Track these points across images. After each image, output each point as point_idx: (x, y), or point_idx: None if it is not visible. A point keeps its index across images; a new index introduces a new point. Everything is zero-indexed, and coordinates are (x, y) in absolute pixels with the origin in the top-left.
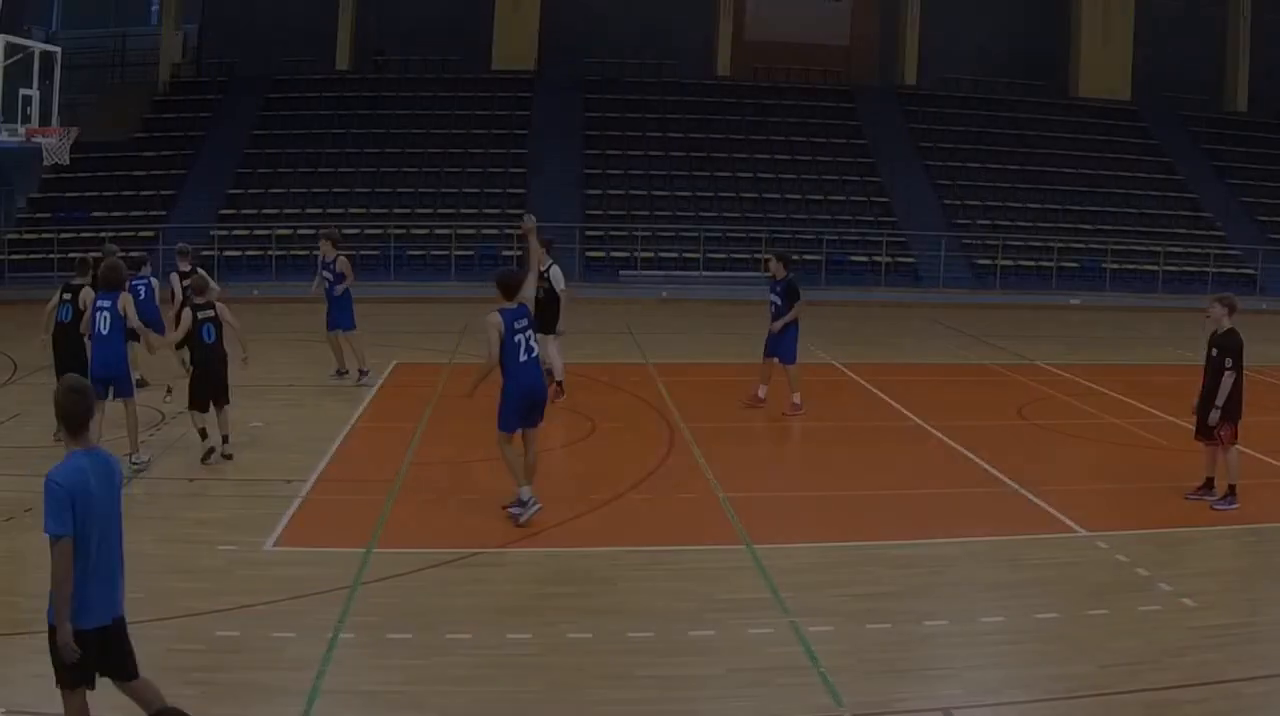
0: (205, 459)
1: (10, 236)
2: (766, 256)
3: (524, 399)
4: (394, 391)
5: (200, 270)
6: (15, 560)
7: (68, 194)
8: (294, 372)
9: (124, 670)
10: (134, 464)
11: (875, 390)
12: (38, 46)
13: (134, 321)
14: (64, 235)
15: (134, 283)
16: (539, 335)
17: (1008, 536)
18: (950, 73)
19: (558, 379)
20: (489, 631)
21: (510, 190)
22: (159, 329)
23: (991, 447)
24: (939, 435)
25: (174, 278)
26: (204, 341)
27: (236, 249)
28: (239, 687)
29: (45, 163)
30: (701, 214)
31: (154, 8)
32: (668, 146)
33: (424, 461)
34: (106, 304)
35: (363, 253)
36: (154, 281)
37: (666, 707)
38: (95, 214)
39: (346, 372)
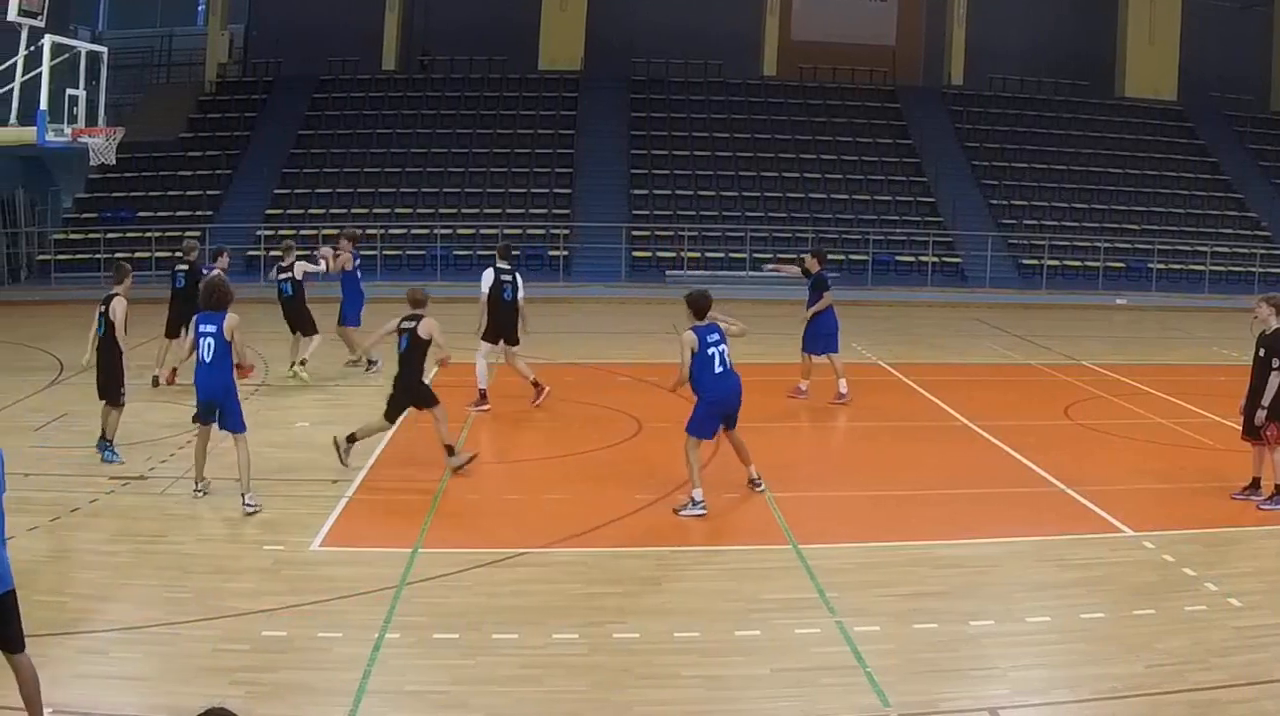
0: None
1: (57, 236)
2: (802, 256)
3: (721, 407)
4: (439, 391)
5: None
6: (62, 560)
7: (114, 194)
8: (340, 373)
9: (13, 642)
10: (247, 506)
11: (921, 390)
12: (84, 46)
13: (239, 348)
14: (110, 235)
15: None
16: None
17: (1054, 536)
18: (996, 73)
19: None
20: (535, 631)
21: (556, 190)
22: None
23: (1037, 447)
24: (985, 435)
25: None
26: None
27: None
28: (285, 687)
29: (92, 163)
30: (747, 214)
31: (200, 8)
32: (714, 146)
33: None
34: (210, 328)
35: (408, 253)
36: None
37: (712, 707)
38: (141, 214)
39: (376, 361)
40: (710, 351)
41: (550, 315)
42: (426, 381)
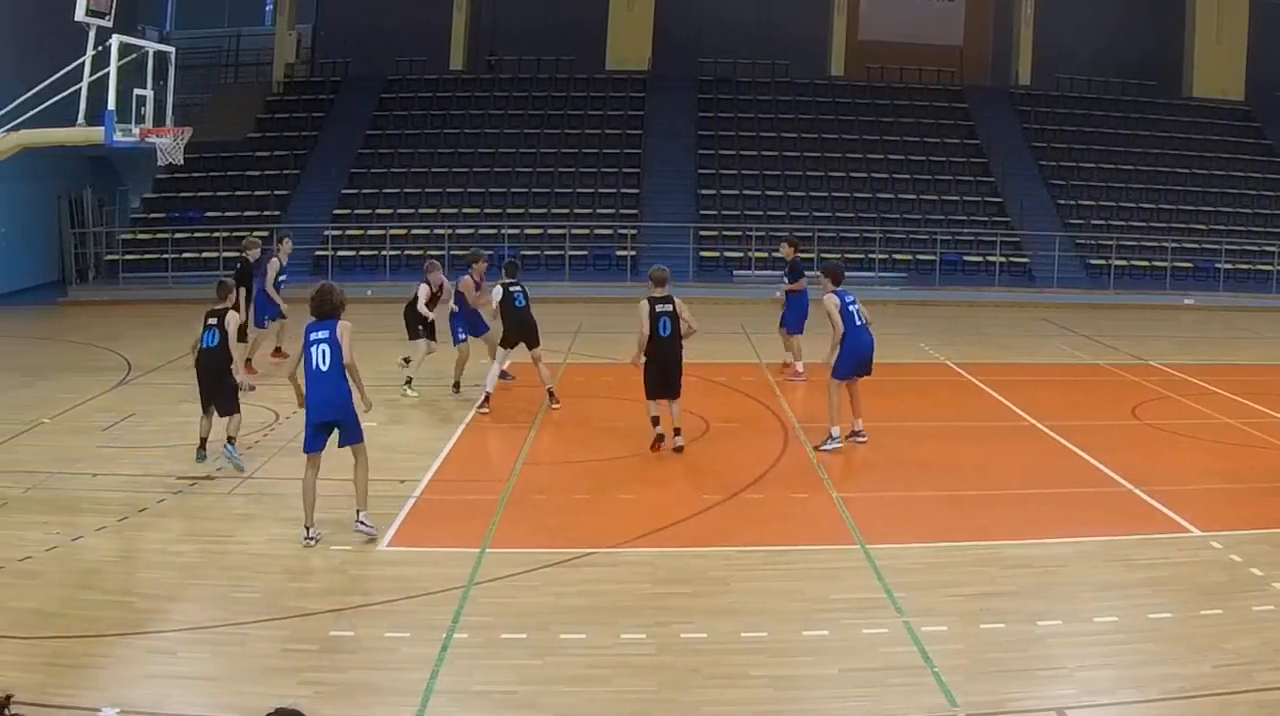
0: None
1: (124, 236)
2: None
3: (858, 354)
4: (507, 392)
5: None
6: (130, 560)
7: (182, 194)
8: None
9: None
10: (360, 525)
11: (989, 390)
12: (152, 46)
13: (348, 356)
14: (178, 235)
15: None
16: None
17: (1121, 536)
18: (1063, 72)
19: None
20: (603, 631)
21: (624, 190)
22: None
23: (1105, 447)
24: (1053, 435)
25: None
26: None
27: (350, 249)
28: (352, 687)
29: (160, 163)
30: (815, 214)
31: (268, 8)
32: (781, 146)
33: (537, 461)
34: (322, 335)
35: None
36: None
37: (780, 707)
38: (209, 214)
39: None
40: (850, 308)
41: (617, 315)
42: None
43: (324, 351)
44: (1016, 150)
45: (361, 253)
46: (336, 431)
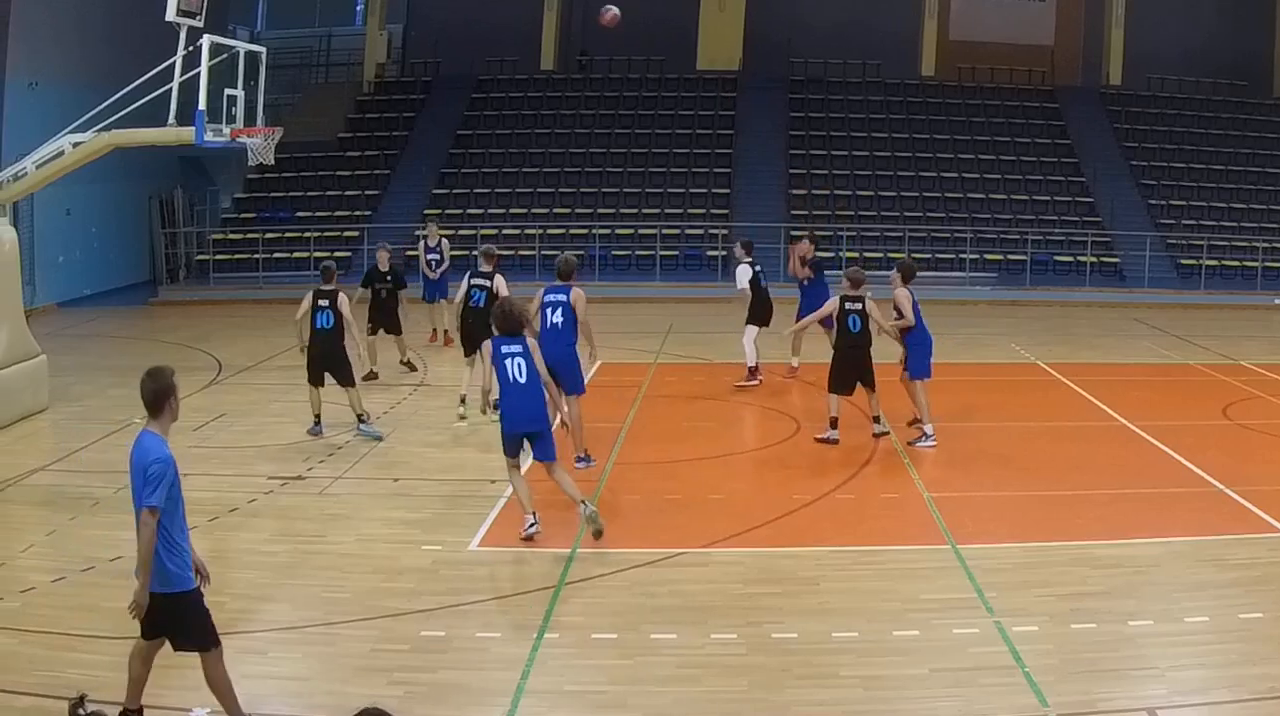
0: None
1: (215, 236)
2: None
3: (929, 349)
4: (598, 391)
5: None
6: (220, 560)
7: (272, 194)
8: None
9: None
10: (587, 513)
11: (1079, 389)
12: (243, 47)
13: (543, 371)
14: (268, 235)
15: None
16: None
17: (1212, 536)
18: (1154, 73)
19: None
20: (693, 631)
21: (715, 190)
22: None
23: (1196, 447)
24: (1143, 435)
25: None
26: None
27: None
28: (443, 687)
29: (250, 163)
30: (906, 214)
31: (359, 8)
32: (872, 146)
33: (628, 461)
34: (516, 349)
35: (567, 253)
36: None
37: (870, 707)
38: (300, 214)
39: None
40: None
41: (708, 315)
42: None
43: (519, 364)
44: (1107, 150)
45: (452, 252)
46: (528, 442)
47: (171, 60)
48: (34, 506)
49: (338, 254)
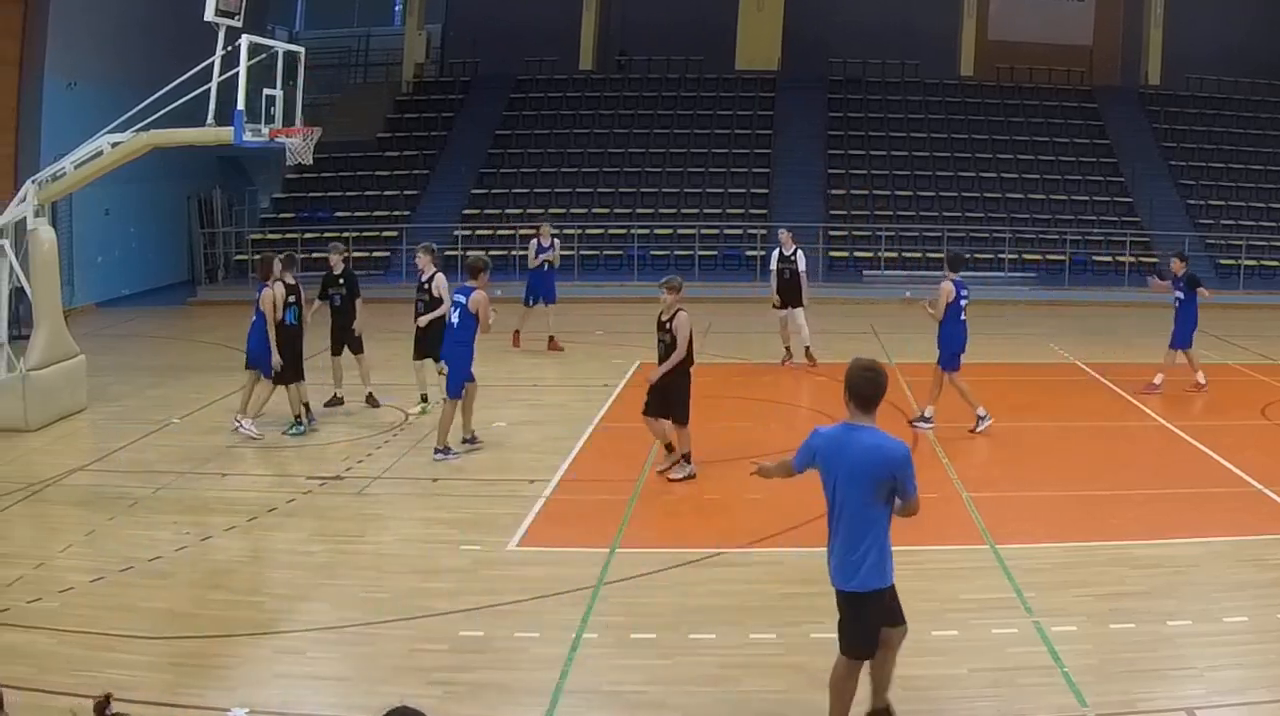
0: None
1: (254, 236)
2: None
3: (961, 346)
4: (637, 391)
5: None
6: (259, 561)
7: (311, 194)
8: (537, 373)
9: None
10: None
11: (1118, 389)
12: (281, 46)
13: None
14: (307, 235)
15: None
16: None
17: (1251, 536)
18: (1193, 72)
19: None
20: (732, 631)
21: (753, 190)
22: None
23: (1235, 447)
24: (1182, 435)
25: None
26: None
27: (479, 248)
28: (482, 687)
29: (289, 163)
30: (945, 214)
31: (397, 8)
32: (910, 146)
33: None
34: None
35: (605, 253)
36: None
37: (909, 707)
38: (338, 214)
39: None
40: (962, 302)
41: (747, 315)
42: None
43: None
44: (1146, 150)
45: (491, 252)
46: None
47: (210, 60)
48: (72, 506)
49: (376, 254)
